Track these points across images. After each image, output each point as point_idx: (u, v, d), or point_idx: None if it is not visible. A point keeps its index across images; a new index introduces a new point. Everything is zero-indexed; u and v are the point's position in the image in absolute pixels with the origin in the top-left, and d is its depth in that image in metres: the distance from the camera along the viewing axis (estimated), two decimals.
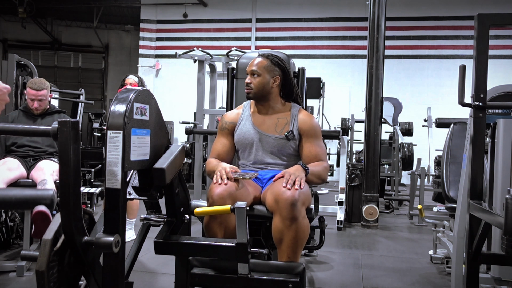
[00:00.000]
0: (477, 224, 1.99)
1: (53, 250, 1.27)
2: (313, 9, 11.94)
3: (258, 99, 2.34)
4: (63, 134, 1.31)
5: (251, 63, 2.34)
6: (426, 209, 5.22)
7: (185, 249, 1.67)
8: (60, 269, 1.31)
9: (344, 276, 3.29)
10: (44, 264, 1.24)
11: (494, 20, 2.02)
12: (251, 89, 2.31)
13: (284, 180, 2.00)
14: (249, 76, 2.32)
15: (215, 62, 6.45)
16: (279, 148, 2.29)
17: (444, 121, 5.26)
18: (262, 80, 2.30)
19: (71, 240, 1.33)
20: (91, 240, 1.36)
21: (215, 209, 1.75)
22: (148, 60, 12.72)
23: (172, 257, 1.85)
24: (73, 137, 1.32)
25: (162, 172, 1.53)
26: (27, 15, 13.08)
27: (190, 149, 8.18)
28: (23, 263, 2.94)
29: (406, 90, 11.16)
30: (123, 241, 1.41)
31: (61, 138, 1.32)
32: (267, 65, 2.32)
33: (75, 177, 1.32)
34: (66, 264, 1.35)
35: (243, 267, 1.54)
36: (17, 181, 3.14)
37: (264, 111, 2.36)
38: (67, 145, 1.31)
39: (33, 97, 3.40)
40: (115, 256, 1.38)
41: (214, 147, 2.40)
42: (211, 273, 1.60)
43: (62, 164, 1.32)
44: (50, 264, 1.26)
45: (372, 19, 5.48)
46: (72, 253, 1.36)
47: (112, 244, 1.34)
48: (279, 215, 1.92)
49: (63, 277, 1.33)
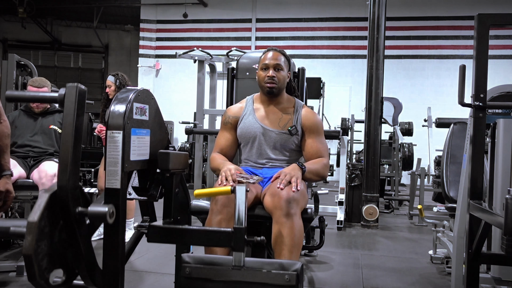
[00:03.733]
0: (477, 224, 1.99)
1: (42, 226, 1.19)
2: (313, 9, 11.94)
3: (276, 94, 2.34)
4: (70, 98, 1.30)
5: (271, 56, 2.31)
6: (426, 209, 5.23)
7: (179, 236, 1.61)
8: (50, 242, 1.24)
9: (344, 276, 3.29)
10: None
11: (494, 20, 2.01)
12: (276, 83, 2.29)
13: (279, 180, 2.01)
14: (272, 70, 2.29)
15: (215, 62, 6.46)
16: (282, 143, 2.29)
17: (444, 121, 5.26)
18: (284, 74, 2.32)
19: (65, 209, 1.28)
20: (85, 210, 1.31)
21: (215, 190, 1.72)
22: (148, 60, 12.73)
23: (172, 257, 1.85)
24: (79, 102, 1.31)
25: (167, 156, 1.53)
26: (27, 15, 13.10)
27: (190, 149, 8.18)
28: (23, 263, 2.94)
29: (406, 90, 11.17)
30: (122, 216, 1.38)
31: (67, 102, 1.30)
32: (284, 60, 2.34)
33: (76, 143, 1.30)
34: (57, 238, 1.28)
35: (239, 257, 1.50)
36: (16, 181, 3.13)
37: (270, 106, 2.36)
38: (72, 108, 1.29)
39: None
40: (111, 228, 1.34)
41: (217, 142, 2.40)
42: (203, 266, 1.55)
43: (65, 126, 1.30)
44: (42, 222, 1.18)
45: (372, 19, 5.48)
46: (65, 226, 1.30)
47: (107, 214, 1.29)
48: (275, 215, 1.93)
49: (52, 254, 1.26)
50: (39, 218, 1.19)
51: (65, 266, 1.33)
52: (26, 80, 4.16)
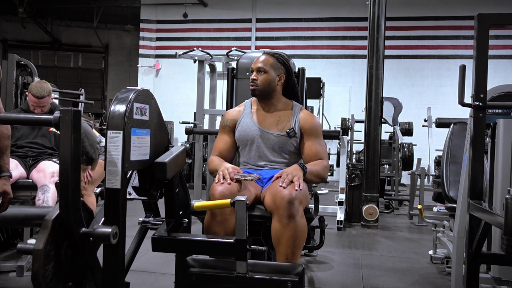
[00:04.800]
0: (477, 224, 1.99)
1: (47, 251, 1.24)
2: (313, 9, 11.93)
3: (262, 97, 2.34)
4: (65, 122, 1.31)
5: (257, 60, 2.34)
6: (426, 209, 5.22)
7: (183, 246, 1.63)
8: (57, 263, 1.28)
9: (344, 276, 3.29)
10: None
11: (494, 20, 2.02)
12: (257, 86, 2.30)
13: (281, 179, 2.01)
14: (255, 73, 2.31)
15: (215, 62, 6.45)
16: (280, 145, 2.29)
17: (444, 121, 5.26)
18: (268, 77, 2.31)
19: (68, 230, 1.31)
20: (89, 231, 1.34)
21: (215, 203, 1.74)
22: (148, 60, 12.72)
23: (172, 257, 1.85)
24: (74, 126, 1.32)
25: (163, 166, 1.53)
26: (27, 15, 13.08)
27: (190, 149, 8.18)
28: (23, 263, 2.94)
29: (406, 90, 11.16)
30: (123, 235, 1.39)
31: (63, 127, 1.31)
32: (273, 62, 2.33)
33: (74, 167, 1.31)
34: (63, 257, 1.31)
35: (242, 266, 1.52)
36: (16, 181, 3.14)
37: (266, 109, 2.37)
38: (68, 133, 1.31)
39: (35, 104, 3.40)
40: (114, 248, 1.36)
41: (215, 145, 2.40)
42: (208, 272, 1.58)
43: (62, 152, 1.31)
44: (47, 248, 1.21)
45: (372, 19, 5.48)
46: (70, 245, 1.33)
47: (110, 235, 1.31)
48: (277, 214, 1.93)
49: (60, 272, 1.30)
50: (44, 245, 1.23)
51: (74, 279, 1.37)
52: (26, 80, 4.15)
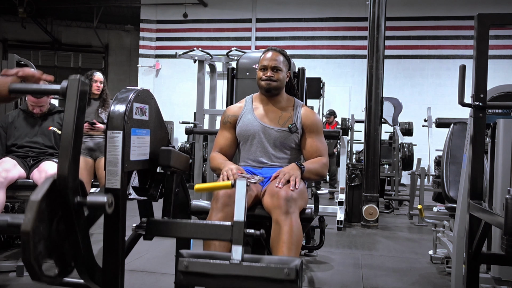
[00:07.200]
0: (477, 224, 1.99)
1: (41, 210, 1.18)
2: (313, 9, 11.94)
3: (274, 94, 2.35)
4: (72, 90, 1.31)
5: (269, 57, 2.33)
6: (426, 209, 5.22)
7: (179, 228, 1.57)
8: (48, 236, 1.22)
9: (344, 276, 3.29)
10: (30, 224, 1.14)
11: (494, 20, 2.02)
12: (275, 82, 2.30)
13: (278, 179, 2.02)
14: (270, 71, 2.31)
15: (215, 62, 6.45)
16: (282, 140, 2.30)
17: (444, 121, 5.26)
18: (283, 75, 2.33)
19: (64, 197, 1.26)
20: (83, 200, 1.30)
21: (216, 185, 1.72)
22: (148, 60, 12.72)
23: (172, 257, 1.85)
24: (81, 94, 1.31)
25: (168, 152, 1.54)
26: (27, 15, 13.08)
27: (190, 149, 8.18)
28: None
29: (406, 90, 11.16)
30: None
31: (69, 95, 1.31)
32: (284, 60, 2.36)
33: (77, 134, 1.30)
34: (54, 230, 1.26)
35: (237, 252, 1.47)
36: (16, 181, 3.13)
37: (270, 105, 2.37)
38: (74, 100, 1.30)
39: (34, 104, 3.41)
40: (111, 218, 1.33)
41: (216, 141, 2.41)
42: (201, 260, 1.52)
43: (66, 118, 1.29)
44: (36, 225, 1.15)
45: (372, 19, 5.48)
46: (63, 217, 1.29)
47: (106, 204, 1.28)
48: (274, 214, 1.93)
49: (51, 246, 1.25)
50: (41, 198, 1.18)
51: (60, 260, 1.31)
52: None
